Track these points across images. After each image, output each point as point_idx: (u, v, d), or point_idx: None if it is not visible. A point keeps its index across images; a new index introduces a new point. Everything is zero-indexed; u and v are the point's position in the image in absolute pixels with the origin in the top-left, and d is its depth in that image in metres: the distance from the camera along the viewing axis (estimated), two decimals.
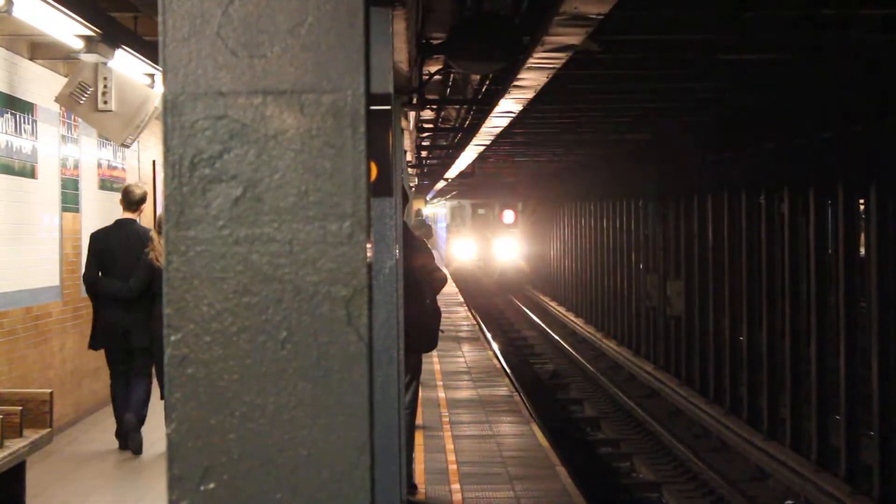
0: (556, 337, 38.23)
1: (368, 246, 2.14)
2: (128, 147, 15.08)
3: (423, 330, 11.15)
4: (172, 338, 2.12)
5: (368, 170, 2.15)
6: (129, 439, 12.31)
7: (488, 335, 33.79)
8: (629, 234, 32.24)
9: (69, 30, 10.68)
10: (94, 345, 12.75)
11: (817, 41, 13.77)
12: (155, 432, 12.51)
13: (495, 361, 24.05)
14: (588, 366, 31.81)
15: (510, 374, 24.98)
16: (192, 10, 2.11)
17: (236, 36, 2.11)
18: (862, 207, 17.12)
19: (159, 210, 18.07)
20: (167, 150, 2.13)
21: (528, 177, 48.40)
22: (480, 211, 58.74)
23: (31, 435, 9.88)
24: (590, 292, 38.99)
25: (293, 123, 2.12)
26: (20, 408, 9.90)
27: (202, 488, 2.12)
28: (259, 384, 2.13)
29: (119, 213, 12.88)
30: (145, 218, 16.92)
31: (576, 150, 31.50)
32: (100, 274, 12.54)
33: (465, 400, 18.40)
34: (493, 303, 51.44)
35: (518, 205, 57.45)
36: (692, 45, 13.93)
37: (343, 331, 2.13)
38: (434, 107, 18.98)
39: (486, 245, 57.48)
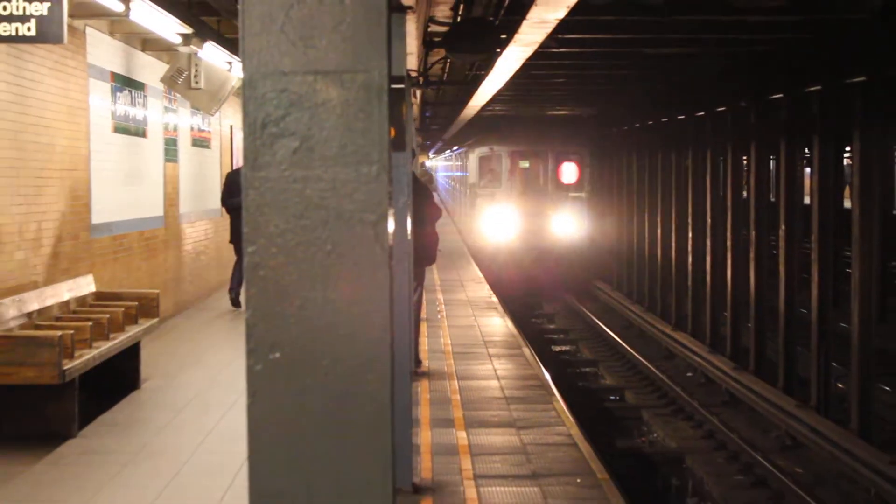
0: None
1: (389, 184, 2.16)
2: (212, 115, 15.06)
3: (426, 249, 11.18)
4: (249, 249, 2.15)
5: (389, 130, 2.17)
6: (236, 297, 14.61)
7: None
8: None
9: (171, 29, 10.63)
10: (231, 240, 15.01)
11: (715, 39, 13.70)
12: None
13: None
14: None
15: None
16: (263, 12, 2.12)
17: (295, 31, 2.13)
18: (745, 163, 17.09)
19: (237, 160, 18.05)
20: (245, 115, 2.15)
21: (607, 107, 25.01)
22: (524, 164, 27.02)
23: (144, 323, 9.95)
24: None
25: (336, 95, 2.13)
26: (136, 303, 9.97)
27: (270, 357, 2.16)
28: (311, 283, 2.15)
29: (205, 162, 13.06)
30: (225, 166, 17.12)
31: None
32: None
33: (457, 300, 18.46)
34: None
35: (585, 153, 26.99)
36: (624, 42, 13.84)
37: (371, 245, 2.15)
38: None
39: (535, 219, 26.25)
